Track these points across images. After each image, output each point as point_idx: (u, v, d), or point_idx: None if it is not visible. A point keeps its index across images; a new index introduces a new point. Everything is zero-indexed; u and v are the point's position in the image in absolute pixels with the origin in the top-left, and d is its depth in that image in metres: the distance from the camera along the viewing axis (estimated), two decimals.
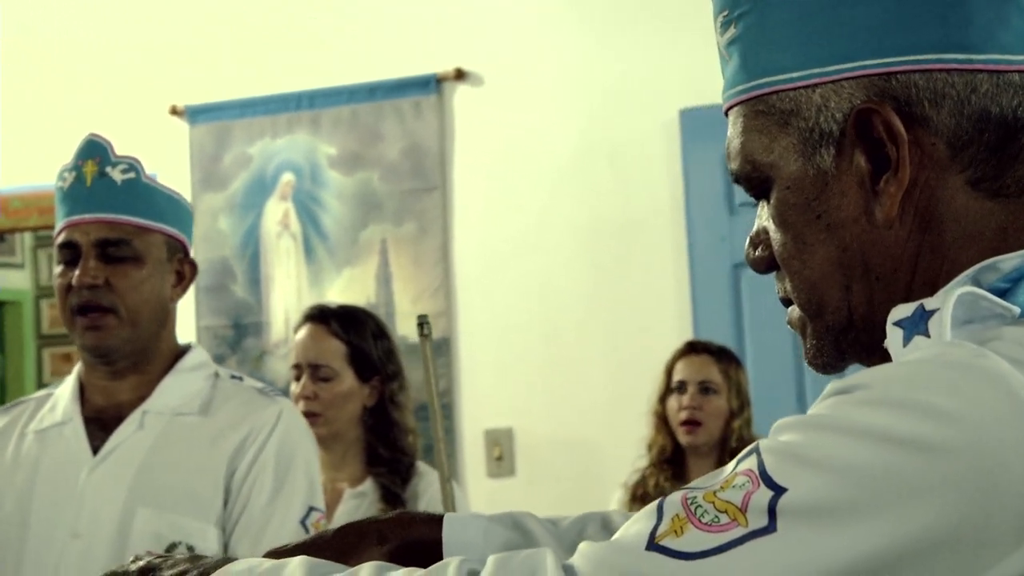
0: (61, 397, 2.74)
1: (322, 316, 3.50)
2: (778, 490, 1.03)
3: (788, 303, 1.27)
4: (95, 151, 2.69)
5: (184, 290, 2.77)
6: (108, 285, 2.63)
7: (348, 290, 5.23)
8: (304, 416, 2.97)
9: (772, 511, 1.02)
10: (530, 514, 1.46)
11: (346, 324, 3.48)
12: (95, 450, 2.65)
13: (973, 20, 1.17)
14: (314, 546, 1.38)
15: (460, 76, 5.28)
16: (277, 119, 5.44)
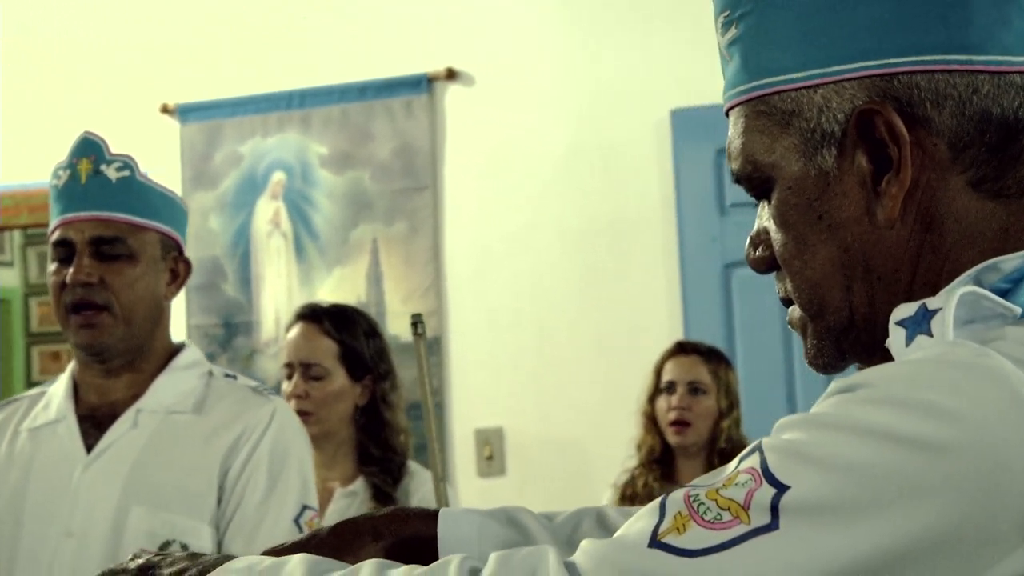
0: (55, 395, 2.73)
1: (314, 315, 3.49)
2: (781, 488, 1.03)
3: (788, 303, 1.27)
4: (90, 149, 2.68)
5: (178, 288, 2.76)
6: (102, 283, 2.63)
7: (339, 289, 5.22)
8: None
9: (775, 509, 1.02)
10: (524, 509, 1.45)
11: (338, 323, 3.47)
12: (89, 448, 2.65)
13: (974, 21, 1.17)
14: (309, 544, 1.37)
15: (451, 76, 5.28)
16: (268, 118, 5.43)
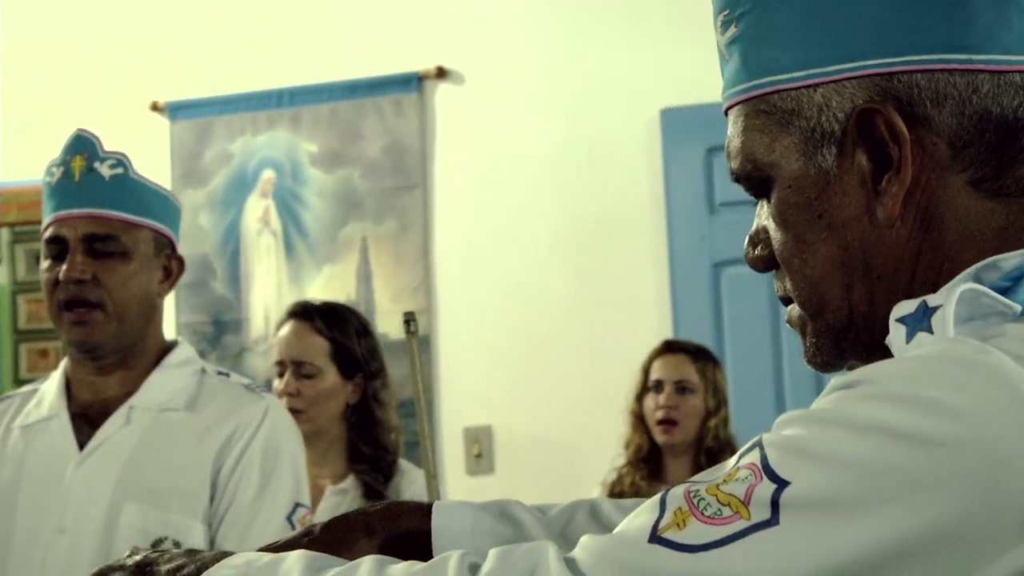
0: (47, 392, 2.73)
1: (306, 313, 3.49)
2: (781, 483, 1.03)
3: (787, 302, 1.27)
4: (83, 146, 2.68)
5: (171, 286, 2.76)
6: (95, 280, 2.62)
7: (328, 287, 5.22)
8: None
9: (775, 504, 1.03)
10: (517, 502, 1.45)
11: (330, 321, 3.47)
12: (81, 445, 2.64)
13: (974, 21, 1.17)
14: (302, 542, 1.37)
15: (441, 74, 5.28)
16: (258, 116, 5.43)
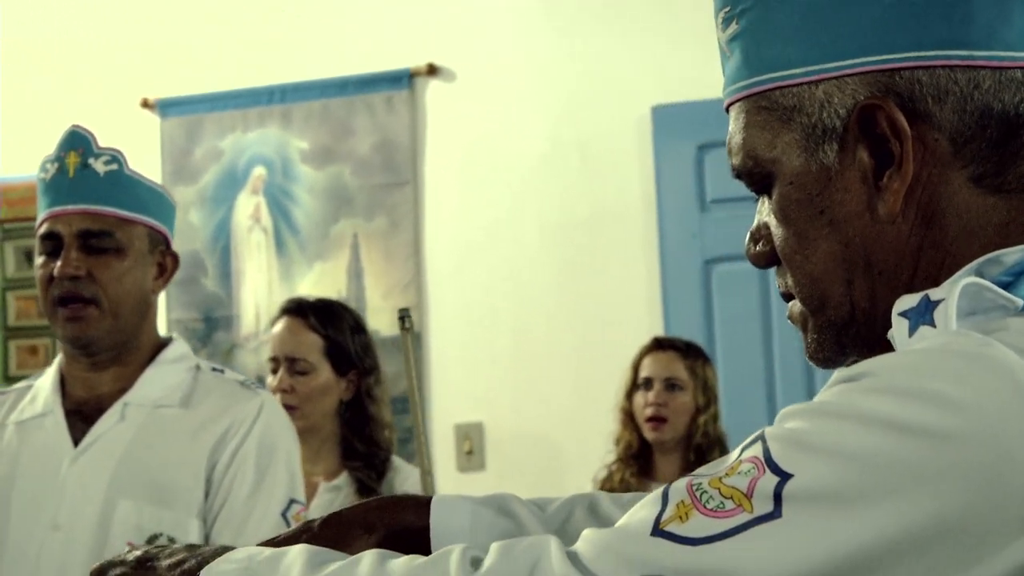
0: (42, 388, 2.73)
1: (300, 309, 3.50)
2: (784, 476, 1.04)
3: (788, 298, 1.27)
4: (78, 142, 2.68)
5: (166, 282, 2.76)
6: (90, 276, 2.62)
7: (319, 284, 5.22)
8: None
9: (778, 497, 1.03)
10: (515, 497, 1.44)
11: (324, 318, 3.47)
12: (76, 442, 2.64)
13: (976, 17, 1.18)
14: (299, 538, 1.36)
15: (432, 71, 5.28)
16: (248, 113, 5.43)
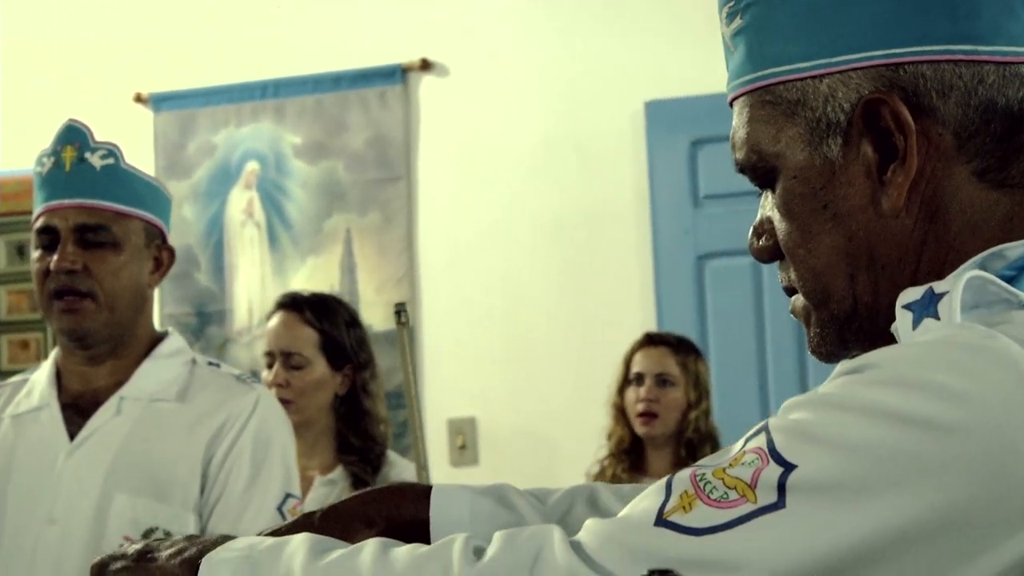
0: (38, 382, 2.72)
1: (295, 304, 3.49)
2: (788, 467, 1.04)
3: (791, 292, 1.28)
4: (74, 136, 2.68)
5: (162, 276, 2.76)
6: (86, 270, 2.62)
7: (312, 279, 5.21)
8: None
9: (781, 488, 1.04)
10: (514, 489, 1.44)
11: (319, 312, 3.47)
12: (72, 435, 2.64)
13: (981, 12, 1.18)
14: (299, 531, 1.34)
15: (426, 66, 5.28)
16: (242, 108, 5.42)
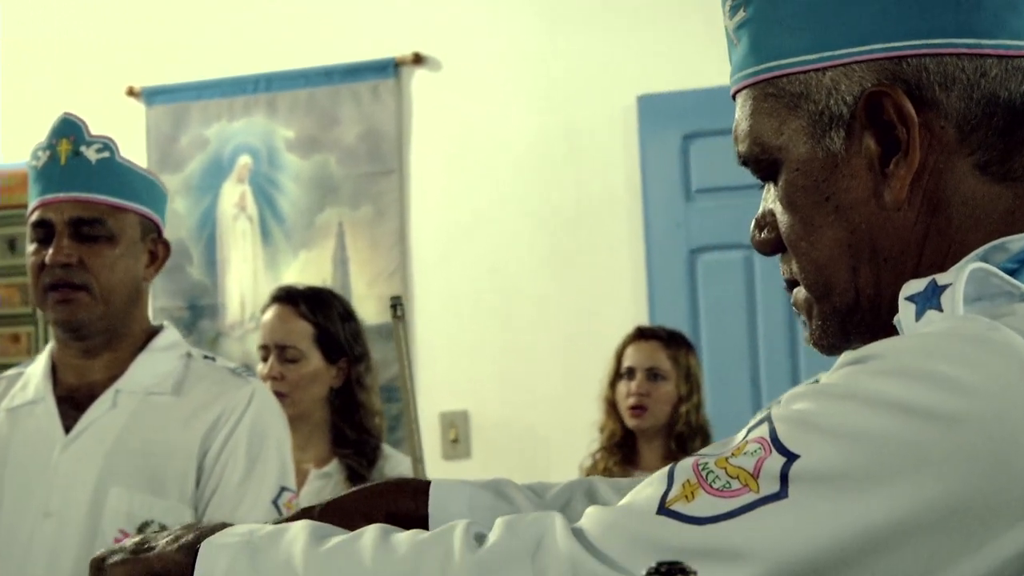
0: (33, 375, 2.72)
1: (290, 297, 3.49)
2: (790, 457, 1.04)
3: (793, 285, 1.28)
4: (69, 130, 2.67)
5: (157, 270, 2.76)
6: (81, 264, 2.62)
7: (304, 273, 5.20)
8: None
9: (784, 477, 1.04)
10: (512, 483, 1.44)
11: (314, 305, 3.47)
12: (67, 429, 2.63)
13: (983, 5, 1.18)
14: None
15: (418, 60, 5.28)
16: (234, 101, 5.41)
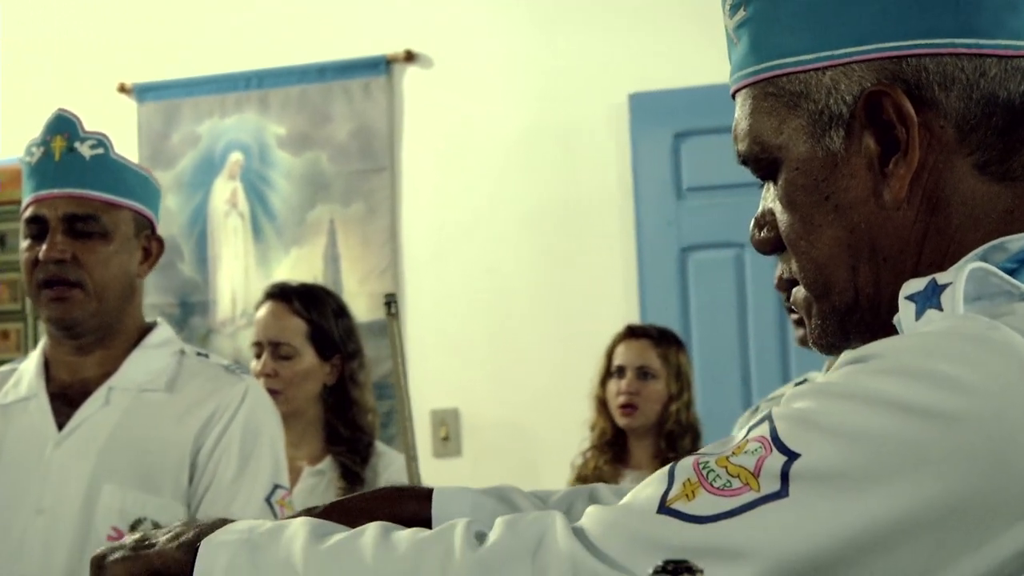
0: (26, 372, 2.71)
1: (283, 294, 3.49)
2: (791, 455, 1.05)
3: (792, 284, 1.28)
4: (64, 126, 2.67)
5: (151, 267, 2.76)
6: (75, 260, 2.61)
7: (295, 270, 5.20)
8: None
9: (785, 476, 1.04)
10: (517, 489, 1.45)
11: (307, 302, 3.47)
12: (60, 426, 2.63)
13: (983, 6, 1.18)
14: None
15: (410, 58, 5.28)
16: (226, 98, 5.41)
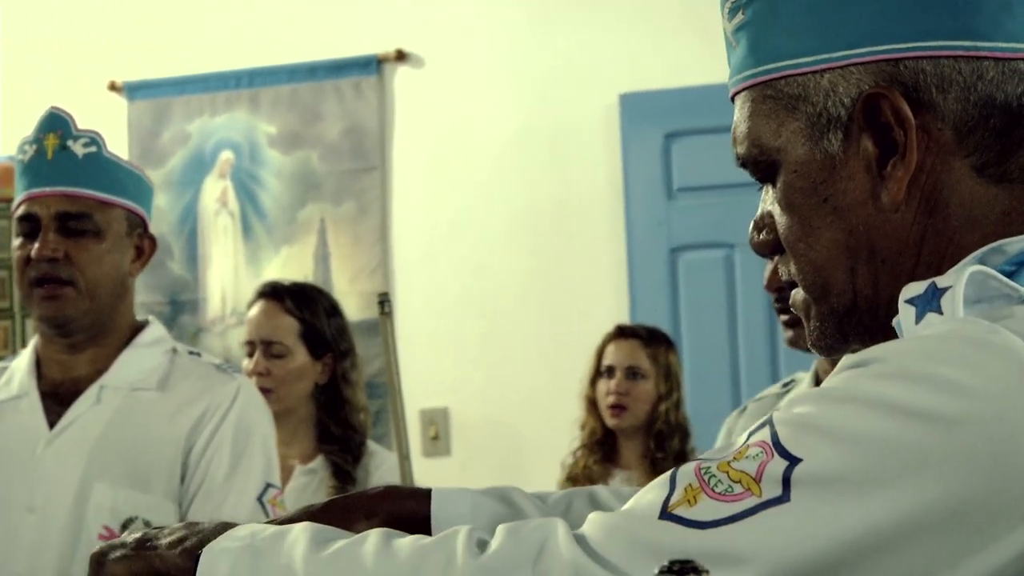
0: (17, 370, 2.71)
1: (275, 293, 3.49)
2: (792, 460, 1.05)
3: (791, 286, 1.28)
4: (57, 124, 2.67)
5: (143, 265, 2.76)
6: (68, 258, 2.61)
7: (286, 269, 5.20)
8: None
9: (786, 481, 1.04)
10: (516, 489, 1.45)
11: (299, 301, 3.47)
12: (51, 424, 2.63)
13: (981, 8, 1.19)
14: (299, 521, 1.36)
15: (401, 57, 5.28)
16: (216, 97, 5.41)
